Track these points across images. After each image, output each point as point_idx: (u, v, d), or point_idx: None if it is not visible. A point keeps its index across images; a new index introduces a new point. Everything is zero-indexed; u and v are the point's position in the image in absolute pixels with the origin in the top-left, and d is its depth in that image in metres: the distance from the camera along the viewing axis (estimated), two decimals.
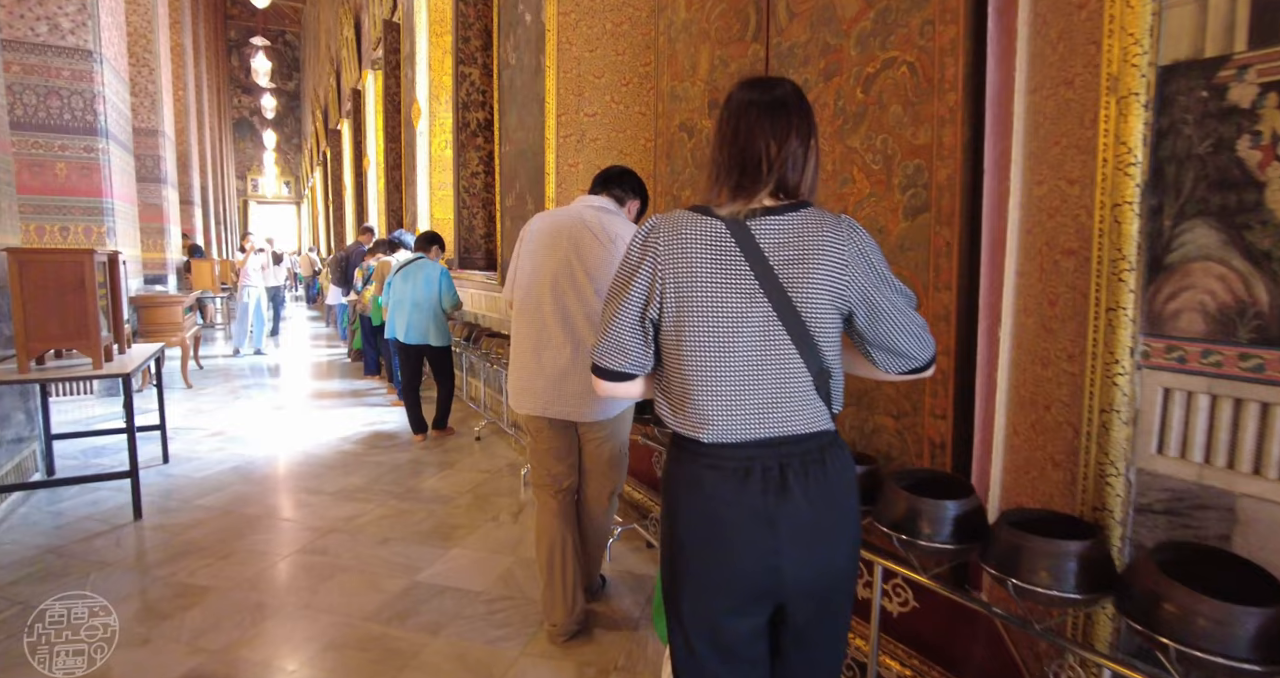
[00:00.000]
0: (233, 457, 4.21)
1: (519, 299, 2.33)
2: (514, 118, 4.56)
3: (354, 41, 11.49)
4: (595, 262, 2.19)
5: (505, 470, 3.99)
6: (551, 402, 2.24)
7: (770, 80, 1.20)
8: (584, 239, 2.21)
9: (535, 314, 2.25)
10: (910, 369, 1.27)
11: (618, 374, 1.25)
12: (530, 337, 2.26)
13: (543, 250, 2.25)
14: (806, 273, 1.12)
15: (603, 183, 2.37)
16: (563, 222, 2.26)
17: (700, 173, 3.18)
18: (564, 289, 2.20)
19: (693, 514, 1.19)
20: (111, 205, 5.75)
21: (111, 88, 5.92)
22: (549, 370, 2.23)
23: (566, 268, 2.20)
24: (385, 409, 5.69)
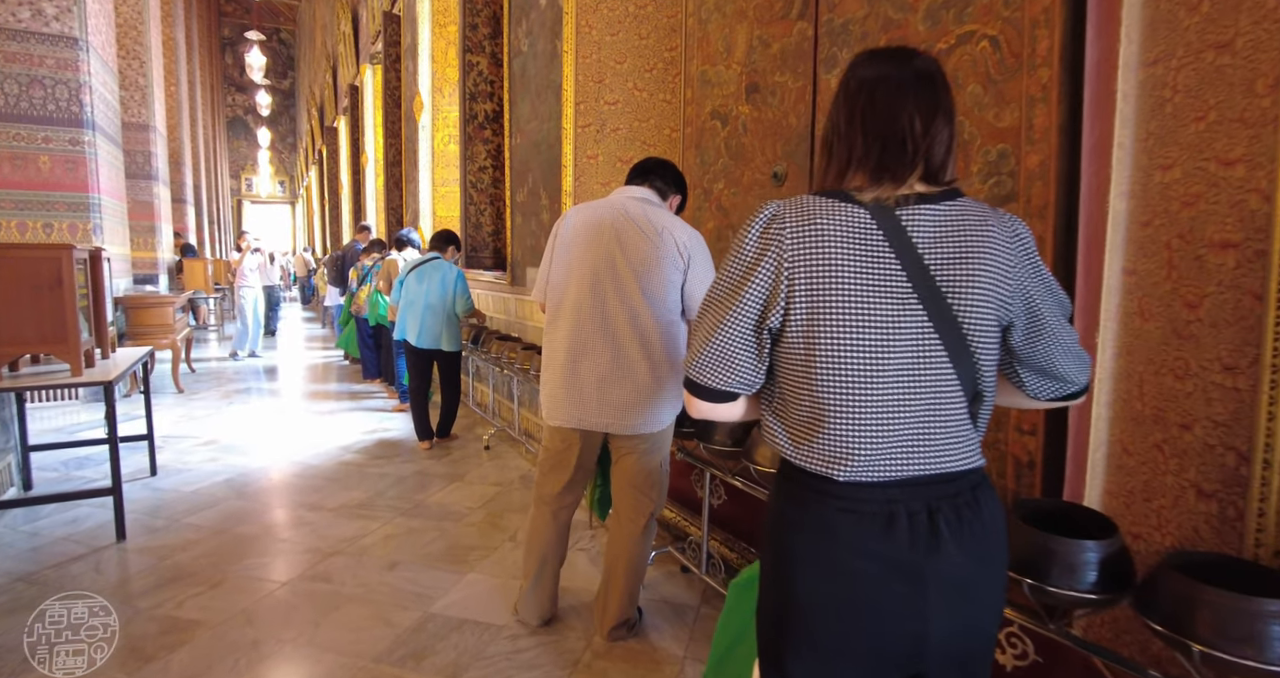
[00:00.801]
0: (226, 468, 3.93)
1: (553, 301, 2.09)
2: (526, 108, 4.30)
3: (351, 36, 11.22)
4: (641, 257, 1.96)
5: (518, 483, 3.73)
6: (590, 413, 2.03)
7: (904, 51, 1.00)
8: (628, 233, 1.98)
9: (572, 317, 2.02)
10: (1064, 395, 1.04)
11: (721, 393, 1.02)
12: (566, 342, 2.03)
13: (581, 246, 2.02)
14: (970, 275, 0.92)
15: (642, 173, 2.15)
16: (603, 215, 2.03)
17: (737, 163, 2.93)
18: (605, 289, 1.98)
19: (819, 569, 0.96)
20: (98, 201, 5.46)
21: (98, 78, 5.64)
22: (587, 378, 2.01)
23: (608, 265, 1.97)
24: (386, 415, 5.42)
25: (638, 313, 1.97)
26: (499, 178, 5.06)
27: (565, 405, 2.05)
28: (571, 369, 2.03)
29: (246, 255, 8.18)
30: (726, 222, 3.05)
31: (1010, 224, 0.98)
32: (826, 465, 0.94)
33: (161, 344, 6.08)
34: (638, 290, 1.96)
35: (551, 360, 2.09)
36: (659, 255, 1.96)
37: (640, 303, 1.97)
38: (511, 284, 4.63)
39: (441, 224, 6.62)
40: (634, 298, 1.97)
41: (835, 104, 1.02)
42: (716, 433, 2.19)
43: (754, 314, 0.97)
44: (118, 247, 6.10)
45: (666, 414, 2.07)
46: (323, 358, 8.87)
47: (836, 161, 1.00)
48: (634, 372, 1.99)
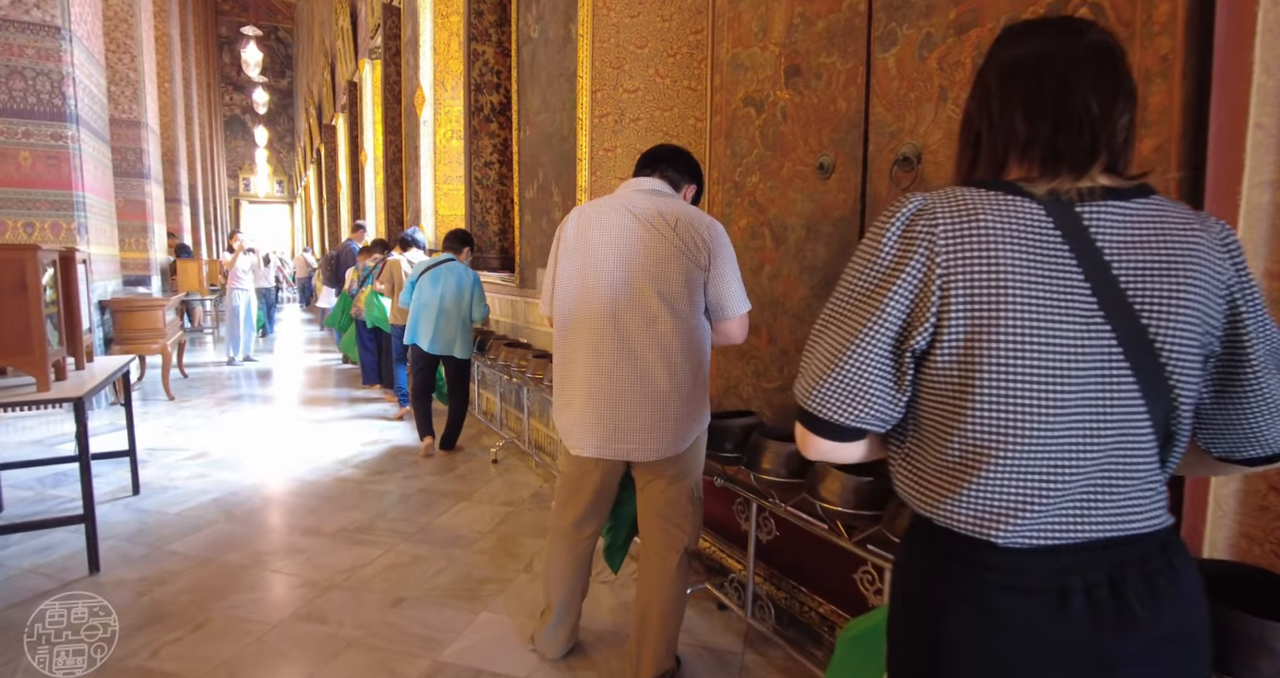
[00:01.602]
0: (215, 485, 3.66)
1: (561, 313, 1.85)
2: (536, 99, 4.03)
3: (350, 31, 10.94)
4: (654, 256, 1.75)
5: (530, 502, 3.45)
6: (607, 439, 1.78)
7: (1072, 22, 0.83)
8: (638, 230, 1.77)
9: (582, 329, 1.79)
10: (1267, 456, 0.83)
11: (848, 430, 0.80)
12: (577, 358, 1.80)
13: (587, 250, 1.81)
14: (1173, 290, 0.75)
15: (651, 163, 1.93)
16: (608, 214, 1.82)
17: (774, 154, 2.66)
18: (617, 294, 1.75)
19: (974, 662, 0.76)
20: (83, 199, 5.18)
21: (83, 69, 5.36)
22: (601, 399, 1.77)
23: (620, 269, 1.77)
24: (387, 424, 5.14)
25: (654, 318, 1.73)
26: (506, 174, 4.78)
27: (580, 431, 1.82)
28: (584, 388, 1.80)
29: (239, 256, 7.89)
30: (763, 218, 2.77)
31: (1218, 230, 0.79)
32: (981, 525, 0.74)
33: (151, 349, 5.80)
34: (653, 293, 1.73)
35: (563, 379, 1.87)
36: (675, 251, 1.73)
37: (657, 307, 1.73)
38: (520, 286, 4.35)
39: (444, 223, 6.35)
40: (649, 302, 1.73)
41: (981, 88, 0.85)
42: (767, 459, 1.91)
43: (893, 332, 0.78)
44: (105, 247, 5.83)
45: (693, 431, 1.84)
46: (320, 361, 8.59)
47: (989, 152, 0.83)
48: (654, 386, 1.76)
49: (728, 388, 2.93)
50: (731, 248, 1.83)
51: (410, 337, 4.21)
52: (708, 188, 3.05)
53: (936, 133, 2.02)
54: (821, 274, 2.45)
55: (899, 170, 2.14)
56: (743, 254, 2.80)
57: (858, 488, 1.65)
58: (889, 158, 2.18)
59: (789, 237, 2.62)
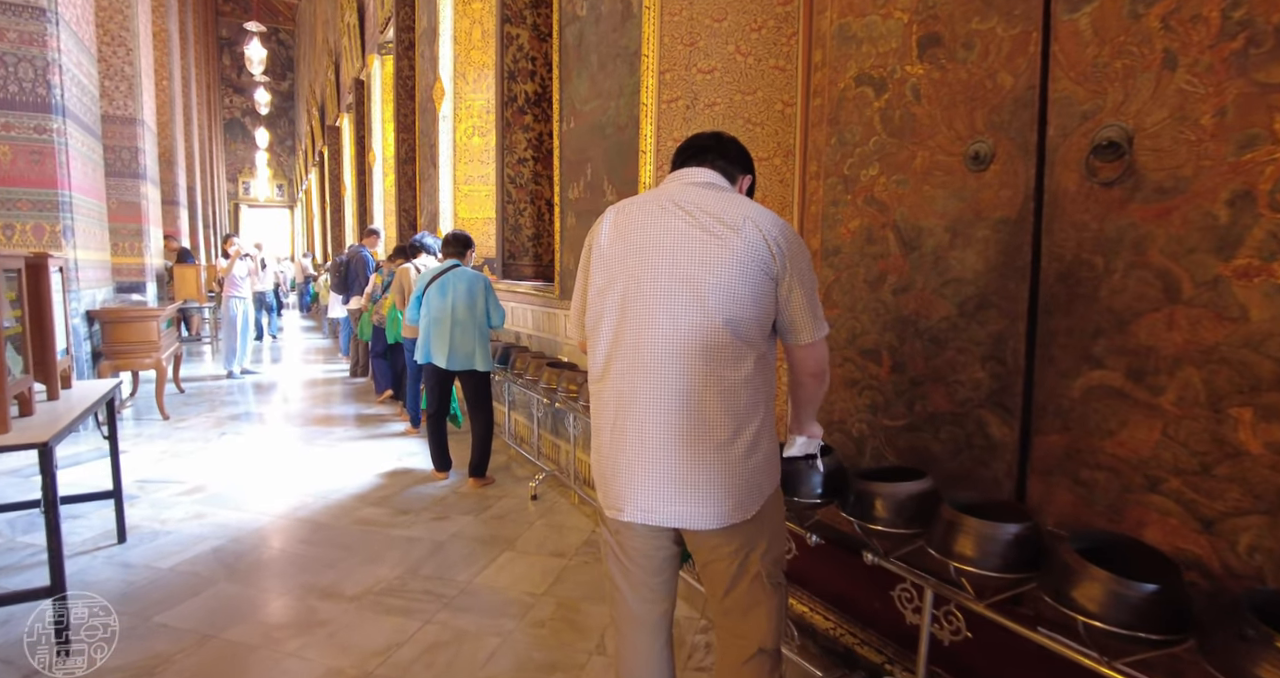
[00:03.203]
0: (214, 529, 3.14)
1: (595, 338, 1.48)
2: (584, 85, 3.55)
3: (357, 27, 10.47)
4: (711, 264, 1.35)
5: (584, 553, 2.95)
6: (651, 501, 1.38)
7: None
8: (693, 235, 1.38)
9: (620, 359, 1.41)
10: None
11: None
12: (613, 395, 1.43)
13: (627, 260, 1.43)
14: None
15: (697, 152, 1.57)
16: (654, 214, 1.44)
17: (902, 141, 2.18)
18: (668, 317, 1.37)
19: None
20: (69, 199, 4.69)
21: (71, 57, 4.87)
22: (643, 448, 1.37)
23: (671, 283, 1.37)
24: (404, 447, 4.65)
25: (712, 344, 1.34)
26: (541, 171, 4.29)
27: (616, 487, 1.41)
28: (621, 433, 1.39)
29: (236, 261, 7.39)
30: (884, 219, 2.28)
31: None
32: None
33: (145, 364, 5.30)
34: (711, 311, 1.33)
35: (597, 423, 1.47)
36: (738, 259, 1.34)
37: (719, 330, 1.34)
38: (561, 297, 3.86)
39: (464, 227, 5.85)
40: (710, 324, 1.34)
41: None
42: (966, 543, 1.42)
43: None
44: (95, 252, 5.33)
45: (763, 491, 1.42)
46: (324, 372, 8.10)
47: None
48: (712, 432, 1.36)
49: (829, 423, 2.43)
50: (809, 255, 1.45)
51: (424, 355, 3.78)
52: (803, 183, 2.57)
53: (1159, 111, 1.53)
54: (973, 288, 1.96)
55: (1098, 160, 1.65)
56: (855, 262, 2.31)
57: (1141, 601, 1.15)
58: (1081, 144, 1.69)
59: (924, 242, 2.13)
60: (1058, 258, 1.77)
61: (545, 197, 4.32)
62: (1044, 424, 1.79)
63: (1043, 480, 1.78)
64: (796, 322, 1.41)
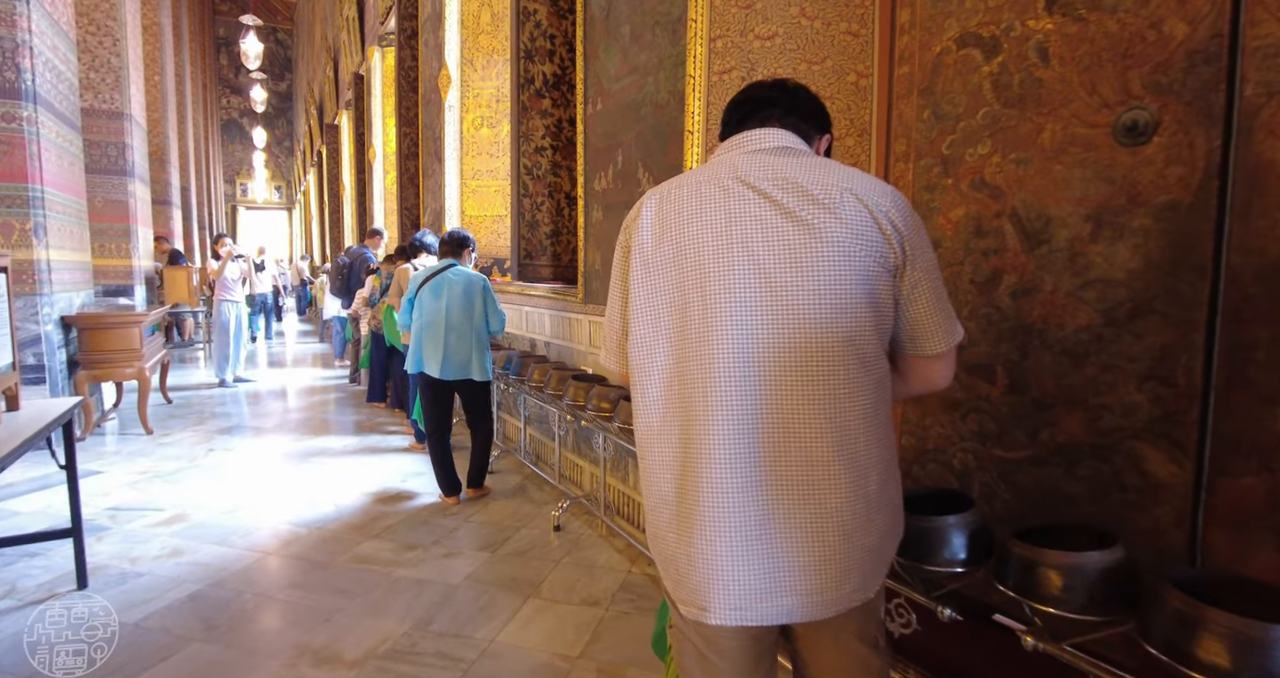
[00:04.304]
0: (192, 570, 2.73)
1: (640, 366, 1.10)
2: (614, 61, 3.14)
3: (356, 19, 10.09)
4: (808, 261, 0.98)
5: (623, 600, 2.53)
6: (747, 593, 1.00)
7: None
8: (769, 220, 1.01)
9: (682, 401, 1.04)
10: None
11: None
12: (672, 450, 1.05)
13: (677, 263, 1.05)
14: None
15: (758, 107, 1.17)
16: (710, 197, 1.05)
17: (1023, 112, 1.77)
18: (746, 335, 1.00)
19: None
20: (40, 193, 4.28)
21: (44, 40, 4.47)
22: (721, 523, 0.99)
23: (746, 289, 1.00)
24: (406, 460, 4.27)
25: (816, 374, 0.98)
26: (561, 161, 3.89)
27: (694, 584, 1.02)
28: (692, 510, 1.01)
29: (227, 263, 6.98)
30: (998, 206, 1.86)
31: None
32: None
33: (126, 375, 4.88)
34: (811, 327, 0.97)
35: (655, 489, 1.09)
36: (841, 249, 0.98)
37: (821, 351, 0.98)
38: (585, 301, 3.45)
39: (471, 225, 5.45)
40: (804, 344, 0.98)
41: None
42: (1212, 647, 1.01)
43: None
44: (72, 252, 4.92)
45: (891, 548, 1.10)
46: (320, 380, 7.69)
47: None
48: (823, 493, 0.99)
49: (922, 452, 2.01)
50: (928, 234, 1.10)
51: (415, 363, 3.46)
52: (885, 165, 2.16)
53: None
54: (1125, 291, 1.56)
55: None
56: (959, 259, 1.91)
57: None
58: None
59: (1054, 234, 1.72)
60: (1256, 251, 1.36)
61: (565, 190, 3.91)
62: (1233, 464, 1.39)
63: (1232, 534, 1.37)
64: (923, 325, 1.07)
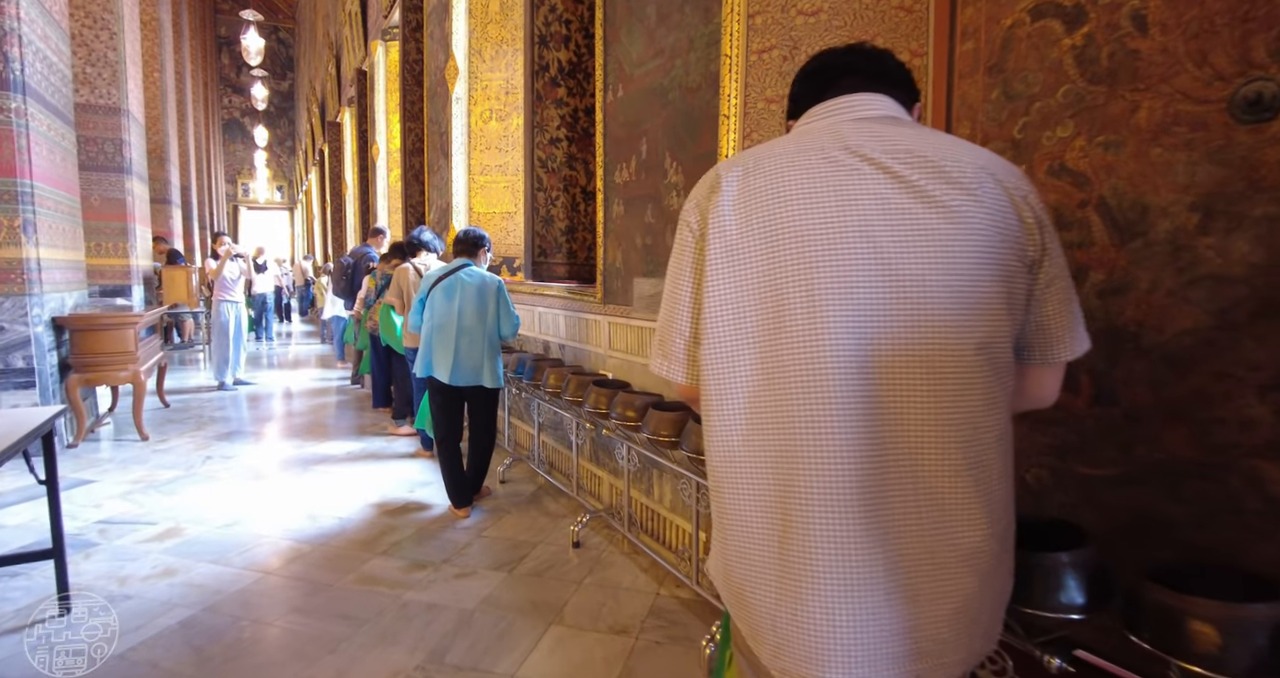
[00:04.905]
0: (186, 593, 2.52)
1: (717, 376, 0.90)
2: (638, 44, 2.94)
3: (359, 14, 9.89)
4: (943, 253, 0.81)
5: (652, 627, 2.32)
6: (864, 662, 0.82)
7: None
8: (893, 201, 0.83)
9: (777, 421, 0.85)
10: None
11: None
12: (763, 479, 0.87)
13: (773, 252, 0.86)
14: None
15: (842, 73, 0.99)
16: (816, 170, 0.86)
17: (1112, 90, 1.57)
18: (865, 341, 0.82)
19: None
20: (30, 188, 4.08)
21: (35, 28, 4.27)
22: (833, 572, 0.82)
23: (868, 286, 0.82)
24: (412, 467, 4.09)
25: (948, 388, 0.81)
26: (578, 153, 3.68)
27: (802, 646, 0.83)
28: (798, 555, 0.83)
29: (225, 262, 6.78)
30: (1083, 195, 1.65)
31: None
32: None
33: (120, 378, 4.68)
34: (946, 331, 0.81)
35: (738, 524, 0.90)
36: (982, 239, 0.81)
37: (956, 361, 0.81)
38: (604, 301, 3.24)
39: (479, 222, 5.24)
40: (936, 353, 0.81)
41: None
42: None
43: None
44: (64, 251, 4.72)
45: (1009, 588, 0.93)
46: (321, 381, 7.52)
47: None
48: (953, 531, 0.83)
49: None
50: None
51: (424, 367, 3.28)
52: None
53: None
54: (1245, 289, 1.35)
55: None
56: None
57: None
58: None
59: (1153, 225, 1.51)
60: None
61: (581, 183, 3.71)
62: None
63: None
64: (1052, 329, 0.90)
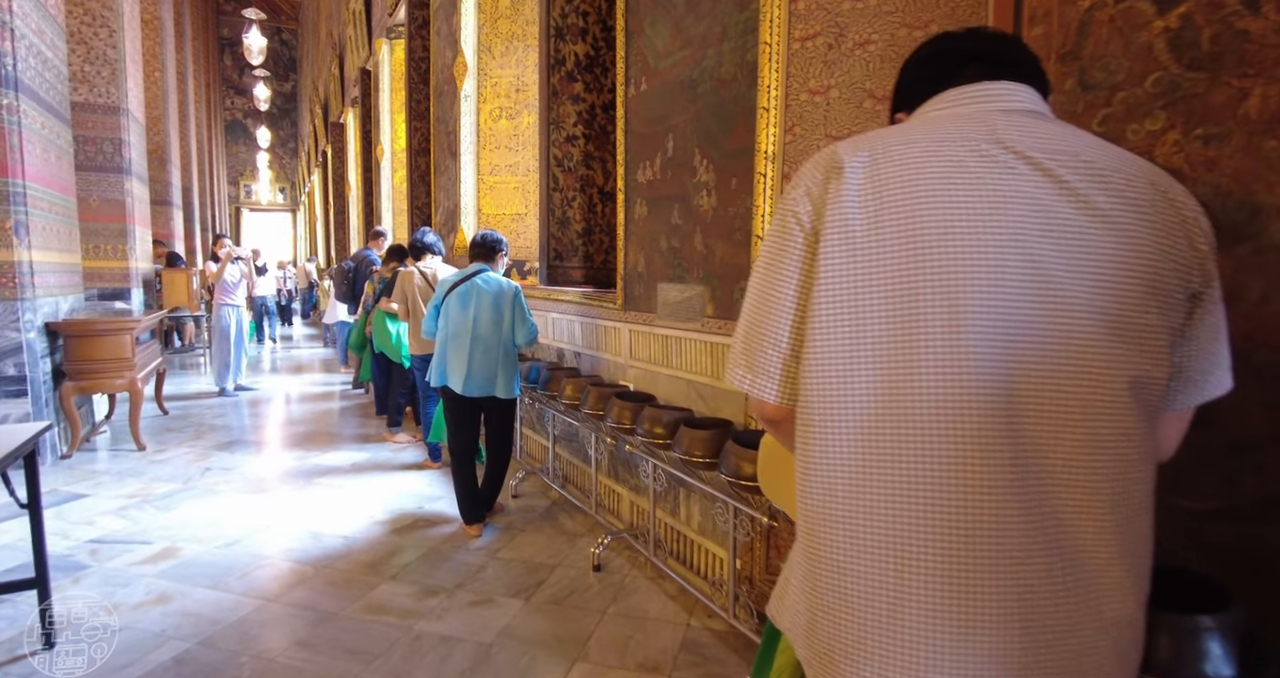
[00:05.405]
0: (180, 623, 2.34)
1: (821, 389, 0.75)
2: (663, 34, 2.76)
3: (363, 13, 9.73)
4: (1111, 275, 0.69)
5: (686, 665, 2.13)
6: None
7: None
8: (1047, 201, 0.70)
9: (898, 456, 0.71)
10: None
11: None
12: (875, 516, 0.73)
13: (911, 257, 0.71)
14: None
15: (968, 59, 0.85)
16: (963, 165, 0.72)
17: (1214, 74, 1.38)
18: (1016, 368, 0.68)
19: None
20: (23, 189, 3.91)
21: (28, 22, 4.11)
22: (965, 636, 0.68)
23: (1012, 289, 0.68)
24: (420, 479, 3.92)
25: (1102, 431, 0.69)
26: (595, 152, 3.50)
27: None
28: (913, 622, 0.71)
29: (226, 265, 6.62)
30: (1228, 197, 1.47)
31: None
32: None
33: (117, 386, 4.51)
34: (1107, 366, 0.69)
35: (846, 578, 0.76)
36: (1149, 264, 0.70)
37: (1113, 400, 0.70)
38: (625, 307, 3.06)
39: (489, 224, 5.07)
40: (1095, 390, 0.69)
41: None
42: None
43: None
44: (60, 253, 4.55)
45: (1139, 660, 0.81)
46: (325, 387, 7.37)
47: None
48: (1097, 598, 0.71)
49: None
50: None
51: (438, 376, 3.13)
52: None
53: None
54: None
55: None
56: None
57: None
58: None
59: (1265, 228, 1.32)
60: None
61: (598, 183, 3.53)
62: None
63: None
64: (1196, 368, 0.79)
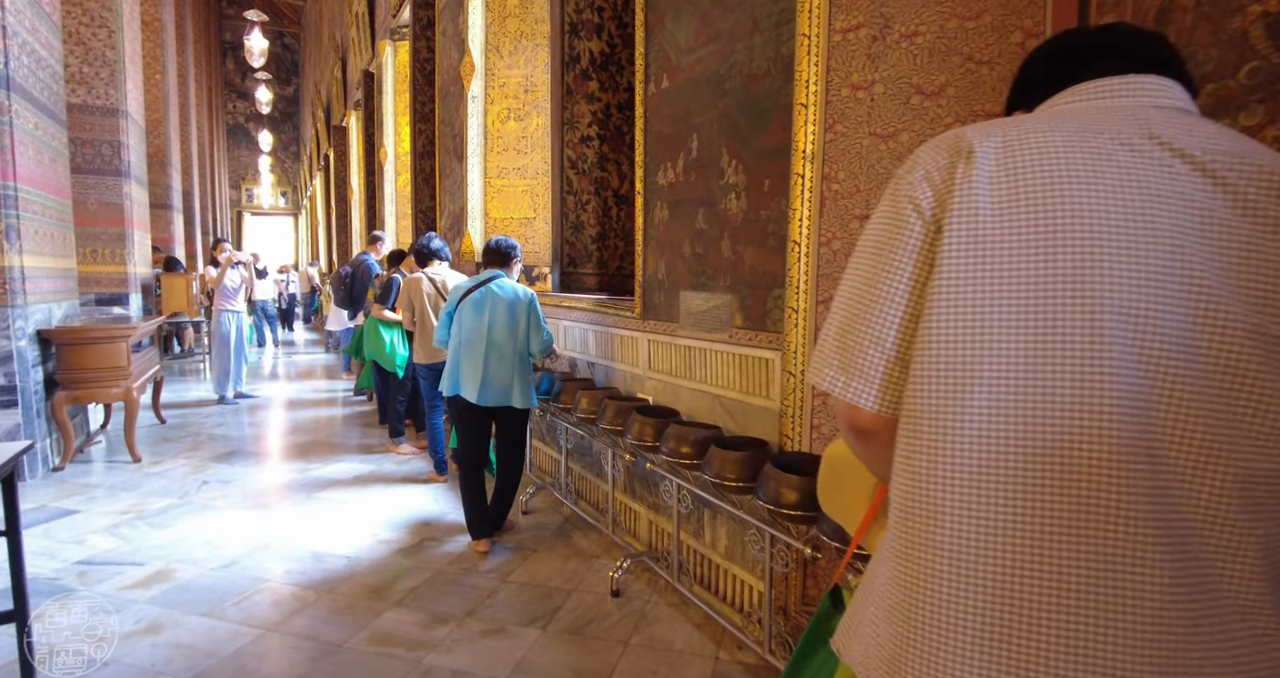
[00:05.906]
0: (172, 656, 2.17)
1: (931, 401, 0.63)
2: (687, 28, 2.61)
3: (366, 15, 9.61)
4: (1264, 277, 0.57)
5: None
6: None
7: None
8: (1207, 204, 0.58)
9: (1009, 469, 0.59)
10: None
11: None
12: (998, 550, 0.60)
13: (1047, 256, 0.60)
14: None
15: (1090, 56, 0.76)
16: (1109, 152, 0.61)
17: None
18: (1154, 377, 0.57)
19: None
20: (14, 191, 3.77)
21: (23, 19, 3.97)
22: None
23: (1163, 299, 0.57)
24: (426, 493, 3.78)
25: (1263, 469, 0.56)
26: (610, 154, 3.36)
27: None
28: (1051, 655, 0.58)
29: (227, 270, 6.47)
30: None
31: None
32: None
33: (112, 395, 4.35)
34: (1254, 386, 0.56)
35: (934, 606, 0.62)
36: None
37: (1260, 427, 0.56)
38: (644, 316, 2.91)
39: (496, 229, 4.92)
40: (1261, 423, 0.56)
41: None
42: None
43: None
44: (52, 258, 4.40)
45: None
46: (326, 392, 7.25)
47: None
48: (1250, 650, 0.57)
49: None
50: None
51: (451, 385, 3.00)
52: None
53: None
54: None
55: None
56: None
57: None
58: None
59: None
60: None
61: (613, 186, 3.39)
62: None
63: None
64: None
